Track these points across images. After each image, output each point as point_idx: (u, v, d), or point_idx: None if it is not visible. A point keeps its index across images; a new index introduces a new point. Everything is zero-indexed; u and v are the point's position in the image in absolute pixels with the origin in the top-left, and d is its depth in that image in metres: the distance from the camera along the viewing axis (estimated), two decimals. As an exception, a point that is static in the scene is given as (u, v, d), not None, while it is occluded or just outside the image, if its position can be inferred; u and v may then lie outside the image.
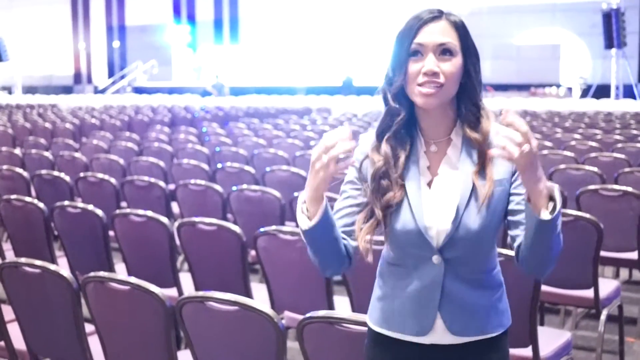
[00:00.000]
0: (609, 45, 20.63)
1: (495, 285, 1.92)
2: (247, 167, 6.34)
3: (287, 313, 3.64)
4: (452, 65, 1.82)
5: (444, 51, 1.81)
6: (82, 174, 5.94)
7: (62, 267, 3.56)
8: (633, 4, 21.93)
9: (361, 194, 1.92)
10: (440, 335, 1.88)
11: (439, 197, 1.86)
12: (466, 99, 1.86)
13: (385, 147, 1.88)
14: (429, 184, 1.88)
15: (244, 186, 5.07)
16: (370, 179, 1.89)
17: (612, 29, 20.33)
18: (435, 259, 1.85)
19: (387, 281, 1.94)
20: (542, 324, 4.20)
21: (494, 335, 1.91)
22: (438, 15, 1.85)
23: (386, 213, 1.86)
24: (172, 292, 3.88)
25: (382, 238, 1.91)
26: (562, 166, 5.91)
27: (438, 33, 1.82)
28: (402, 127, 1.88)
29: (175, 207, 5.66)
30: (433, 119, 1.89)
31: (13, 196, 4.59)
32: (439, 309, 1.86)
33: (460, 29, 1.85)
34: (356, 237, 1.88)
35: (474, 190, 1.83)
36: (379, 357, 1.96)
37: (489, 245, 1.89)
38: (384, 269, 1.96)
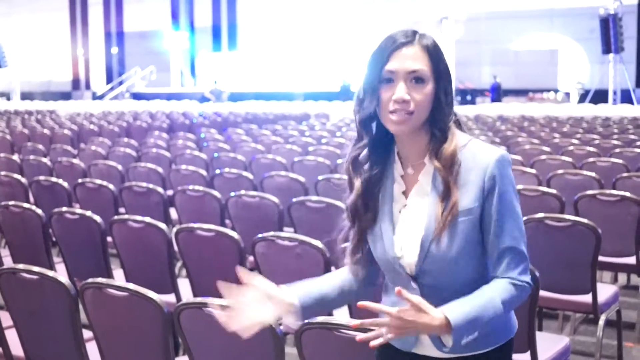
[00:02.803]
0: (606, 50, 20.68)
1: None
2: (245, 173, 6.34)
3: (285, 319, 3.63)
4: (423, 92, 1.79)
5: (415, 78, 1.79)
6: (80, 180, 5.93)
7: (60, 273, 3.56)
8: (630, 10, 21.99)
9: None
10: (428, 348, 1.87)
11: (408, 228, 1.86)
12: (433, 124, 1.84)
13: (357, 182, 1.90)
14: (402, 211, 1.88)
15: (242, 192, 5.06)
16: (346, 210, 1.93)
17: (610, 34, 20.37)
18: (412, 284, 1.86)
19: (385, 293, 1.98)
20: (540, 329, 4.20)
21: (489, 350, 1.87)
22: (411, 39, 1.81)
23: (362, 239, 1.92)
24: (171, 298, 3.88)
25: None
26: (560, 171, 5.91)
27: (409, 59, 1.79)
28: (374, 150, 1.88)
29: (173, 213, 5.65)
30: (408, 142, 1.87)
31: (11, 202, 4.58)
32: None
33: (433, 54, 1.82)
34: (346, 258, 1.95)
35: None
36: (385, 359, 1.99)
37: (467, 270, 1.84)
38: (384, 281, 2.00)
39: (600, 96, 20.82)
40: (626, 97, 20.73)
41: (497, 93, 22.18)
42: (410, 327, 1.69)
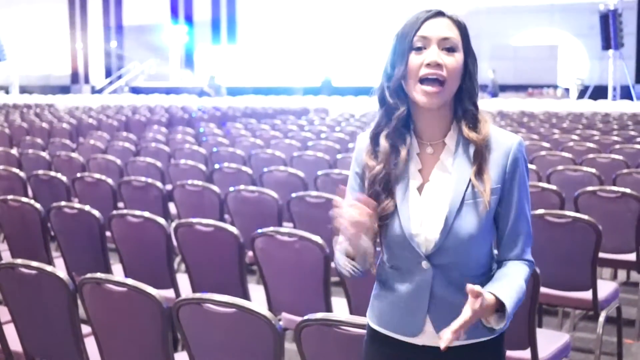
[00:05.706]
0: (606, 46, 20.64)
1: None
2: (244, 168, 6.33)
3: (284, 314, 3.63)
4: (455, 60, 1.80)
5: (447, 46, 1.80)
6: (79, 174, 5.92)
7: (59, 268, 3.54)
8: (630, 5, 21.96)
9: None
10: (430, 337, 1.86)
11: (429, 205, 1.83)
12: (466, 98, 1.84)
13: (383, 149, 1.85)
14: (419, 189, 1.85)
15: (242, 187, 5.05)
16: (367, 187, 1.87)
17: (610, 30, 20.33)
18: (424, 264, 1.84)
19: (383, 281, 1.94)
20: (540, 325, 4.19)
21: (485, 339, 1.87)
22: (441, 12, 1.85)
23: (381, 224, 1.85)
24: (169, 293, 3.87)
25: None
26: (560, 167, 5.91)
27: (442, 27, 1.81)
28: (401, 124, 1.85)
29: (172, 208, 5.64)
30: (430, 120, 1.86)
31: (9, 196, 4.57)
32: (428, 313, 1.85)
33: (462, 28, 1.85)
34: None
35: (466, 196, 1.80)
36: (376, 354, 1.97)
37: (482, 251, 1.86)
38: (381, 269, 1.95)
39: (599, 92, 20.78)
40: (626, 93, 20.70)
41: (493, 88, 22.17)
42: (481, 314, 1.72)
